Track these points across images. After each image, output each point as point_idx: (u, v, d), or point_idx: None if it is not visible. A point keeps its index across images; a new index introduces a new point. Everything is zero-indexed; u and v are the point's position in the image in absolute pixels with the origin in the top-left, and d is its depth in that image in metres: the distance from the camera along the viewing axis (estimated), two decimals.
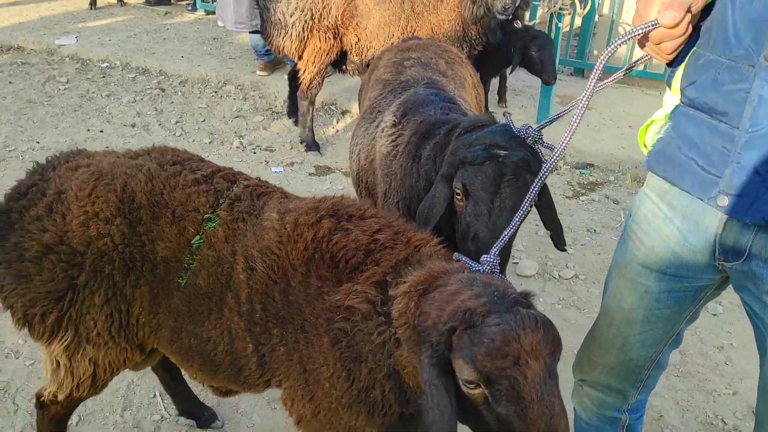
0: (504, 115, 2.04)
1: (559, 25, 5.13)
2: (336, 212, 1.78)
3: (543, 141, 1.93)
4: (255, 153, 5.27)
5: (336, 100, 6.08)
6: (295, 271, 1.72)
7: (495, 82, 5.99)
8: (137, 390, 2.93)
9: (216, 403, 2.88)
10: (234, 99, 6.16)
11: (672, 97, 1.58)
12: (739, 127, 1.32)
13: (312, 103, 5.16)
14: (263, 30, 4.93)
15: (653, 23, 1.34)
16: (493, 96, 5.96)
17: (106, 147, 5.15)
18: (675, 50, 1.41)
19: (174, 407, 2.82)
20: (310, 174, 5.00)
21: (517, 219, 1.68)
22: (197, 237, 1.81)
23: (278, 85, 6.25)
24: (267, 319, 1.76)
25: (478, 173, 1.84)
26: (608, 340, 1.82)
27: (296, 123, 5.62)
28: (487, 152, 1.85)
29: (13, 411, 2.78)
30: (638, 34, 1.38)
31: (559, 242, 2.08)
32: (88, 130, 5.47)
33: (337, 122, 5.87)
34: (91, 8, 8.56)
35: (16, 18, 8.09)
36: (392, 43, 4.64)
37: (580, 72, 6.85)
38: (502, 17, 4.51)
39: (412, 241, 1.69)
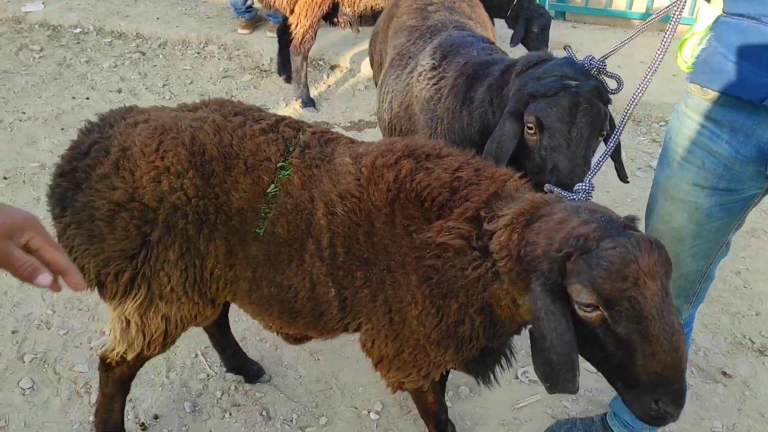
0: (565, 49, 2.05)
1: None
2: (412, 152, 1.78)
3: (607, 71, 1.95)
4: None
5: (324, 55, 5.98)
6: (378, 212, 1.73)
7: None
8: (178, 351, 2.92)
9: (260, 357, 2.90)
10: (219, 59, 6.00)
11: (710, 10, 1.61)
12: None
13: (306, 58, 5.06)
14: None
15: None
16: None
17: (96, 114, 4.98)
18: None
19: (217, 365, 2.83)
20: None
21: (608, 151, 1.71)
22: (272, 186, 1.79)
23: (262, 42, 6.11)
24: (350, 262, 1.76)
25: (552, 104, 1.85)
26: None
27: (287, 80, 5.53)
28: (559, 83, 1.86)
29: (56, 380, 2.76)
30: None
31: (622, 174, 2.14)
32: (73, 97, 5.28)
33: (327, 77, 5.79)
34: None
35: None
36: None
37: (562, 15, 6.85)
38: None
39: (496, 176, 1.70)
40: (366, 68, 5.57)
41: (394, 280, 1.73)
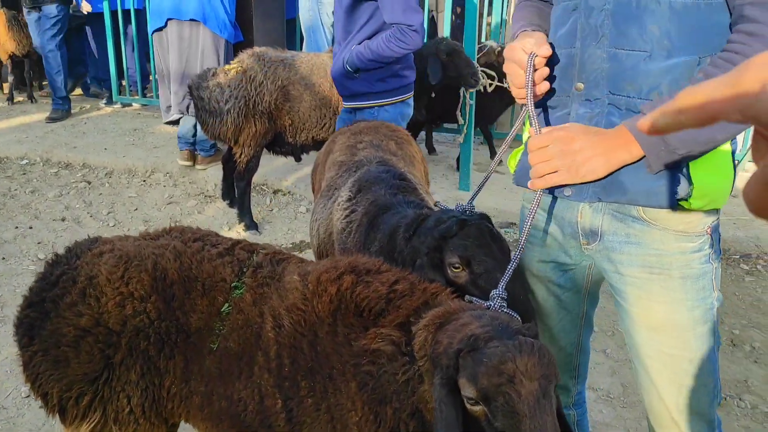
0: (437, 205, 2.37)
1: (471, 102, 5.73)
2: (354, 268, 2.03)
3: (474, 210, 2.26)
4: None
5: (267, 180, 6.33)
6: (322, 322, 1.95)
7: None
8: None
9: None
10: (164, 186, 6.26)
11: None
12: None
13: (249, 184, 5.38)
14: (199, 119, 5.18)
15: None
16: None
17: (38, 243, 5.10)
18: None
19: None
20: None
21: (516, 255, 1.93)
22: (226, 304, 2.01)
23: (207, 170, 6.43)
24: (296, 372, 1.95)
25: (466, 237, 2.07)
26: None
27: (231, 205, 5.80)
28: (458, 220, 2.09)
29: None
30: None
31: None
32: (17, 227, 5.37)
33: (270, 201, 6.10)
34: (9, 103, 8.49)
35: None
36: (328, 125, 5.03)
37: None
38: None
39: (429, 289, 1.95)
40: (307, 192, 5.94)
41: (336, 387, 1.92)
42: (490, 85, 5.65)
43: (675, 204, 1.65)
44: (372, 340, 1.87)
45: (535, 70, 1.76)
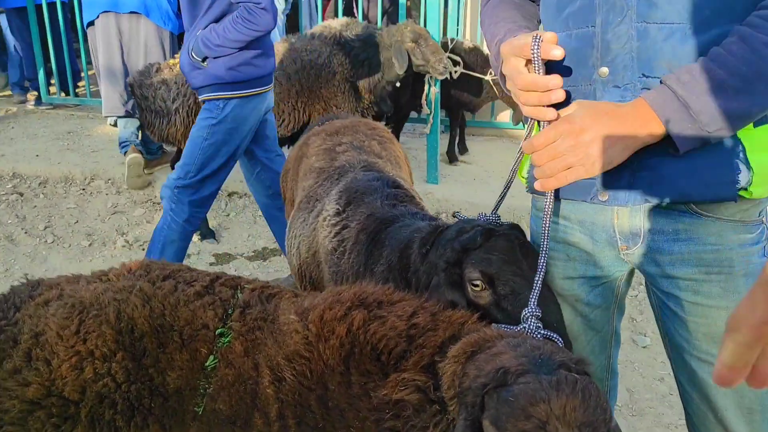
0: (455, 215, 2.04)
1: (437, 90, 5.43)
2: (363, 301, 1.69)
3: (502, 222, 1.96)
4: (144, 249, 4.89)
5: None
6: (332, 371, 1.60)
7: None
8: None
9: None
10: (107, 195, 5.72)
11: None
12: None
13: None
14: (143, 120, 4.69)
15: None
16: None
17: None
18: None
19: None
20: (210, 264, 4.74)
21: (541, 262, 1.64)
22: (211, 357, 1.63)
23: (154, 173, 5.92)
24: None
25: (491, 250, 1.75)
26: None
27: None
28: (483, 230, 1.78)
29: None
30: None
31: None
32: None
33: (226, 205, 5.66)
34: None
35: None
36: (294, 122, 4.64)
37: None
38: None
39: (453, 319, 1.63)
40: None
41: None
42: (456, 72, 5.34)
43: (736, 195, 1.44)
44: (394, 389, 1.54)
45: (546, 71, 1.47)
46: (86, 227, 5.20)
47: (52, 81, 7.80)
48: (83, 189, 5.81)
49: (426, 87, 5.44)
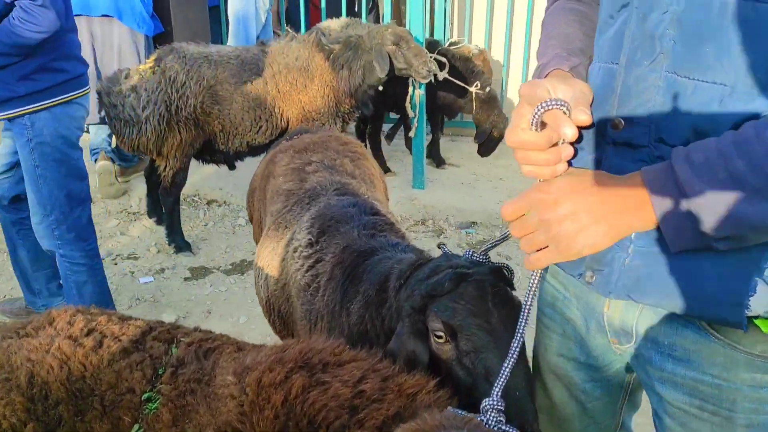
0: (439, 247, 1.84)
1: (421, 92, 5.22)
2: (307, 362, 1.48)
3: (491, 261, 1.74)
4: (117, 264, 4.69)
5: (199, 191, 5.67)
6: None
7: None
8: None
9: None
10: None
11: None
12: None
13: (177, 200, 4.73)
14: (113, 129, 4.47)
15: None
16: None
17: None
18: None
19: None
20: (186, 279, 4.52)
21: (514, 346, 1.32)
22: (136, 426, 1.42)
23: (129, 182, 5.70)
24: None
25: (457, 299, 1.55)
26: None
27: (159, 222, 5.12)
28: (454, 274, 1.57)
29: None
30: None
31: None
32: None
33: (204, 214, 5.45)
34: None
35: None
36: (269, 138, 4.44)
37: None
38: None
39: (405, 388, 1.41)
40: (245, 202, 5.32)
41: None
42: (441, 75, 5.13)
43: (743, 322, 1.10)
44: None
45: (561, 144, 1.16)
46: None
47: None
48: None
49: (410, 89, 5.22)
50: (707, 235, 1.03)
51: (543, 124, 1.13)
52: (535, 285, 1.28)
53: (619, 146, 1.19)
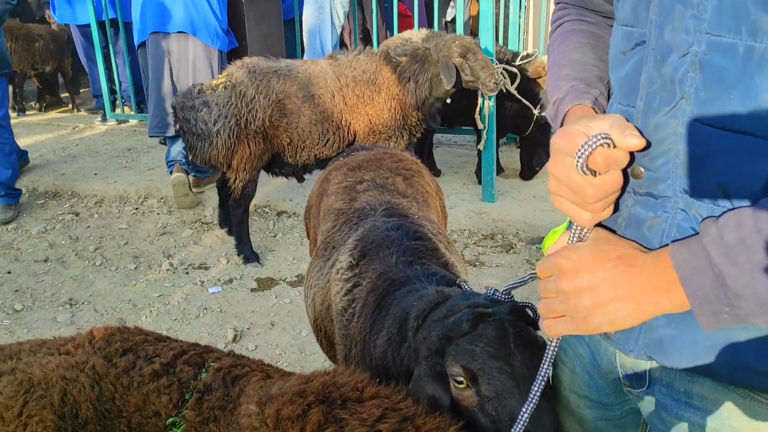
0: (459, 285, 1.75)
1: (491, 104, 5.10)
2: (327, 396, 1.42)
3: (513, 300, 1.63)
4: (188, 273, 4.83)
5: (270, 202, 5.76)
6: None
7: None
8: None
9: None
10: (158, 214, 5.72)
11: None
12: None
13: (246, 211, 4.82)
14: (186, 142, 4.61)
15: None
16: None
17: (16, 290, 4.58)
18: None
19: None
20: (252, 290, 4.59)
21: (536, 388, 1.27)
22: None
23: (206, 192, 5.88)
24: None
25: (476, 341, 1.45)
26: None
27: (230, 232, 5.24)
28: (472, 314, 1.48)
29: None
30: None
31: None
32: None
33: (274, 225, 5.54)
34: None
35: None
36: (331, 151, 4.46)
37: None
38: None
39: (424, 430, 1.35)
40: None
41: None
42: (512, 85, 4.99)
43: None
44: None
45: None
46: (134, 249, 5.19)
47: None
48: (136, 208, 5.83)
49: (480, 100, 5.11)
50: (745, 321, 0.91)
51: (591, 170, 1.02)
52: (552, 352, 1.20)
53: (641, 196, 1.09)
